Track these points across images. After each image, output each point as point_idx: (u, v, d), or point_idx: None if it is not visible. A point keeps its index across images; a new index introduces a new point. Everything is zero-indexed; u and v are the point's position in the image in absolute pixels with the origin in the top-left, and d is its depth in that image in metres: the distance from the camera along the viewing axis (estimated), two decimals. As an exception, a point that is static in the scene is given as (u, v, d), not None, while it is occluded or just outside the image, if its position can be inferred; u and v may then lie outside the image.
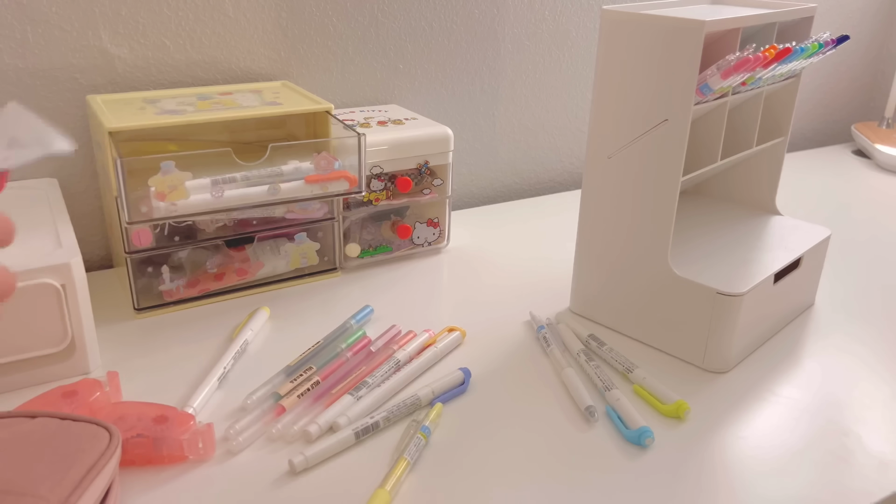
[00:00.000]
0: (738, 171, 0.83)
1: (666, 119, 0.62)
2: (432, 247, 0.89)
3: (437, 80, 1.00)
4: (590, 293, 0.74)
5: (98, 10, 0.77)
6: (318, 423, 0.56)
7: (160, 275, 0.73)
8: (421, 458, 0.55)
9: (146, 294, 0.73)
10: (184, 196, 0.67)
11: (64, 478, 0.43)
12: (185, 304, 0.74)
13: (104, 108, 0.72)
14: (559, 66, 1.09)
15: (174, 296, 0.74)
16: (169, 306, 0.74)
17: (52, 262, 0.59)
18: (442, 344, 0.67)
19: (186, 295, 0.74)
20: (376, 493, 0.49)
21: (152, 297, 0.73)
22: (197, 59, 0.83)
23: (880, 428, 0.60)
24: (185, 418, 0.54)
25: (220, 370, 0.63)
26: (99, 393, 0.56)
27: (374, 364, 0.64)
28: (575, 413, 0.60)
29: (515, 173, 1.13)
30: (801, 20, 0.72)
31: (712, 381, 0.65)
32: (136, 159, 0.64)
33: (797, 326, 0.75)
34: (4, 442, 0.46)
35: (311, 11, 0.88)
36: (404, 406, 0.58)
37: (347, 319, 0.71)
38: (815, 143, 1.50)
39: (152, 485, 0.51)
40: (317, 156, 0.74)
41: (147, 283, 0.73)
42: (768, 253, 0.72)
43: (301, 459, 0.52)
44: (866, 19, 1.42)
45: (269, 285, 0.79)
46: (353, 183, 0.75)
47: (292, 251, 0.79)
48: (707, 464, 0.55)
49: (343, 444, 0.55)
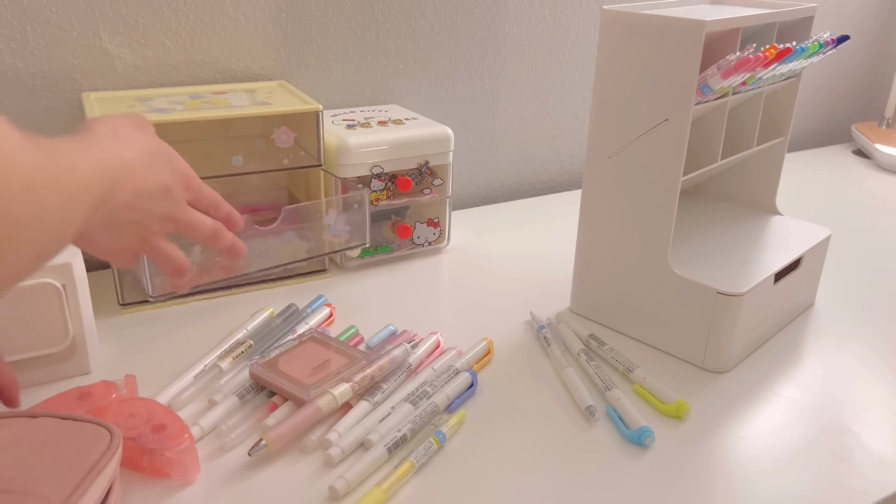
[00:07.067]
0: (738, 171, 0.83)
1: (666, 119, 0.62)
2: (432, 247, 0.89)
3: (437, 80, 1.00)
4: (590, 293, 0.74)
5: (98, 10, 0.77)
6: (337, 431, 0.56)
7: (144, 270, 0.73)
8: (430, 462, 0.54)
9: (132, 290, 0.73)
10: None
11: (65, 478, 0.43)
12: (171, 301, 0.75)
13: (95, 106, 0.72)
14: (559, 66, 1.09)
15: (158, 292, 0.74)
16: (154, 302, 0.74)
17: (52, 262, 0.59)
18: (470, 354, 0.66)
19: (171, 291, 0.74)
20: (371, 491, 0.50)
21: (138, 293, 0.74)
22: (197, 59, 0.83)
23: (880, 428, 0.60)
24: (179, 431, 0.52)
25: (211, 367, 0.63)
26: (115, 395, 0.56)
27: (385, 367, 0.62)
28: (575, 413, 0.60)
29: (515, 173, 1.13)
30: (802, 20, 0.72)
31: (712, 380, 0.65)
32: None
33: (797, 326, 0.75)
34: (6, 442, 0.46)
35: (311, 11, 0.88)
36: (425, 414, 0.58)
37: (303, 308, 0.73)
38: (816, 143, 1.50)
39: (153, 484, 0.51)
40: (277, 130, 0.74)
41: (134, 279, 0.73)
42: (768, 253, 0.72)
43: (343, 483, 0.50)
44: (866, 19, 1.42)
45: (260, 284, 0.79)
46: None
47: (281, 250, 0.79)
48: (707, 464, 0.55)
49: (378, 461, 0.53)
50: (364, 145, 0.79)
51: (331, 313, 0.73)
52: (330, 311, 0.73)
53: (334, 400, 0.57)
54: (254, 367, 0.61)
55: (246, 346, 0.65)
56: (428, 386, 0.61)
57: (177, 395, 0.59)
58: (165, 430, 0.52)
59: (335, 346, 0.64)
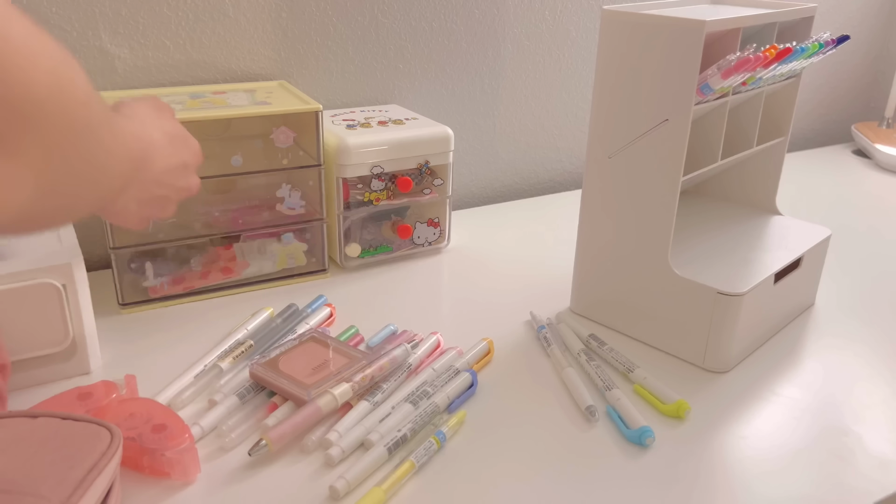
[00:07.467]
0: (739, 171, 0.83)
1: (666, 119, 0.62)
2: (433, 247, 0.89)
3: (437, 80, 1.00)
4: (590, 293, 0.74)
5: (98, 10, 0.77)
6: (337, 431, 0.56)
7: (144, 270, 0.73)
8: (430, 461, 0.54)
9: (132, 290, 0.73)
10: None
11: (65, 478, 0.43)
12: (171, 301, 0.75)
13: None
14: (559, 66, 1.09)
15: (158, 292, 0.74)
16: (153, 302, 0.74)
17: (53, 262, 0.59)
18: (470, 354, 0.66)
19: (171, 292, 0.75)
20: (371, 491, 0.50)
21: (138, 293, 0.74)
22: (197, 59, 0.83)
23: (880, 428, 0.60)
24: (180, 431, 0.52)
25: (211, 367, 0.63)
26: (115, 395, 0.56)
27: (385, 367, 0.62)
28: (576, 413, 0.60)
29: (515, 173, 1.13)
30: (802, 20, 0.72)
31: (712, 380, 0.65)
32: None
33: (797, 326, 0.75)
34: (6, 442, 0.46)
35: (311, 11, 0.88)
36: (425, 414, 0.58)
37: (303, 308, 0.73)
38: (816, 143, 1.50)
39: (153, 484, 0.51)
40: (276, 129, 0.75)
41: (133, 279, 0.74)
42: (769, 253, 0.72)
43: (343, 483, 0.50)
44: (866, 19, 1.42)
45: (260, 284, 0.79)
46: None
47: (279, 251, 0.79)
48: (707, 464, 0.55)
49: (378, 461, 0.53)
50: (364, 145, 0.79)
51: (331, 313, 0.73)
52: (330, 311, 0.73)
53: (334, 400, 0.57)
54: (254, 367, 0.61)
55: (246, 346, 0.65)
56: (428, 386, 0.61)
57: (177, 394, 0.59)
58: (165, 430, 0.52)
59: (335, 346, 0.64)
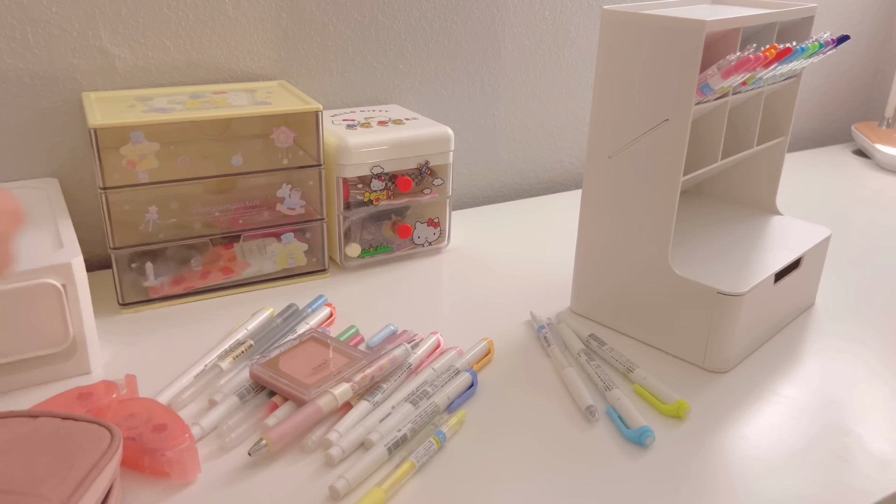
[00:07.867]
0: (739, 171, 0.83)
1: (666, 119, 0.62)
2: (433, 247, 0.89)
3: (437, 80, 1.00)
4: (590, 293, 0.74)
5: (98, 10, 0.77)
6: (337, 431, 0.56)
7: (145, 271, 0.74)
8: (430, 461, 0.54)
9: (132, 290, 0.73)
10: (153, 164, 0.70)
11: (65, 478, 0.43)
12: (171, 301, 0.75)
13: (95, 106, 0.72)
14: (559, 66, 1.09)
15: (158, 292, 0.74)
16: (154, 302, 0.74)
17: (53, 262, 0.59)
18: (470, 354, 0.66)
19: (171, 292, 0.75)
20: (371, 491, 0.50)
21: (138, 293, 0.74)
22: (197, 59, 0.83)
23: (880, 428, 0.60)
24: (180, 431, 0.52)
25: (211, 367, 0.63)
26: (115, 395, 0.56)
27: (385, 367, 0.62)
28: (576, 413, 0.60)
29: (515, 173, 1.13)
30: (802, 20, 0.72)
31: (713, 380, 0.65)
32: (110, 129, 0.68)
33: (797, 326, 0.75)
34: (6, 442, 0.46)
35: (311, 11, 0.88)
36: (425, 414, 0.58)
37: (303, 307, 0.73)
38: (815, 143, 1.50)
39: (153, 484, 0.51)
40: (276, 129, 0.75)
41: (133, 279, 0.74)
42: (769, 253, 0.72)
43: (343, 483, 0.50)
44: (866, 19, 1.42)
45: (260, 283, 0.79)
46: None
47: (279, 251, 0.79)
48: (707, 464, 0.55)
49: (378, 461, 0.53)
50: (364, 145, 0.79)
51: (331, 313, 0.73)
52: (330, 311, 0.73)
53: (334, 400, 0.57)
54: (254, 367, 0.61)
55: (246, 346, 0.65)
56: (428, 386, 0.61)
57: (177, 394, 0.59)
58: (166, 430, 0.52)
59: (335, 345, 0.64)
